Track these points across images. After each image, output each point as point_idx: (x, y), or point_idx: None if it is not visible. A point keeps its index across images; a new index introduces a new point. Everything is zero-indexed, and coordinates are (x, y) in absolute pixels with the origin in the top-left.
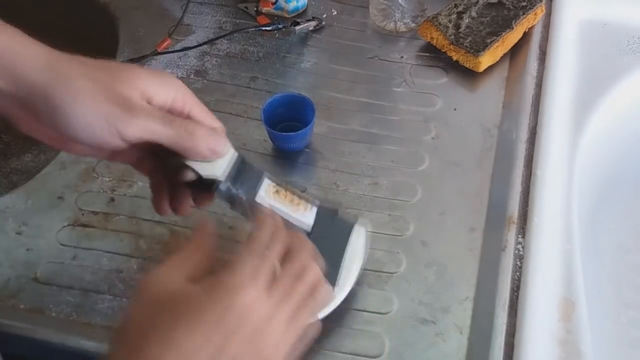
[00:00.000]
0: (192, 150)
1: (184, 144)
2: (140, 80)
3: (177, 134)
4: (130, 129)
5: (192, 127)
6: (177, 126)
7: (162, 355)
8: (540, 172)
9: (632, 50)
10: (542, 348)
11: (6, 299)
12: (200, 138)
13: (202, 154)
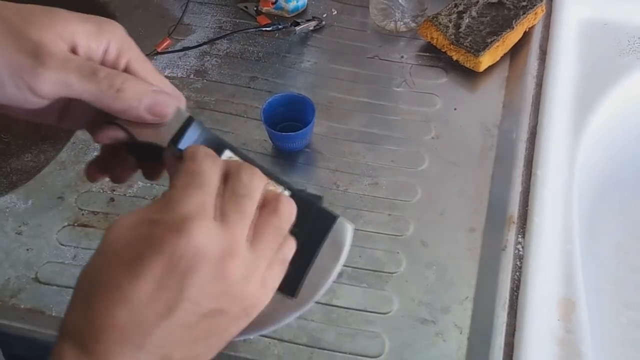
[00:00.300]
0: (124, 113)
1: (110, 103)
2: (64, 25)
3: (99, 90)
4: (41, 82)
5: (121, 81)
6: (100, 79)
7: (113, 314)
8: (540, 172)
9: (633, 50)
10: (542, 348)
11: (6, 299)
12: (133, 96)
13: (137, 116)
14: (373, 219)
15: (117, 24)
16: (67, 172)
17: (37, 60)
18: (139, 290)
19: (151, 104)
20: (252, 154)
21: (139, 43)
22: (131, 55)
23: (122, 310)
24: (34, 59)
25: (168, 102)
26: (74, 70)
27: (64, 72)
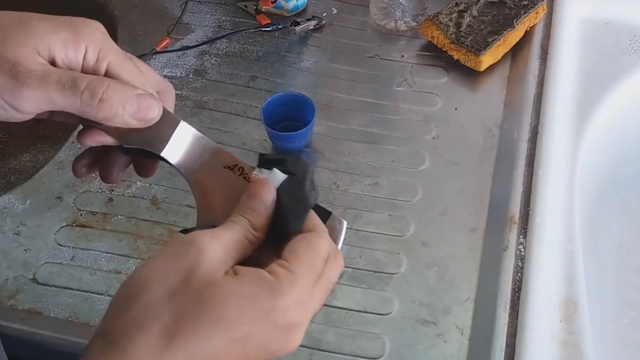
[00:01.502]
0: (109, 121)
1: (94, 113)
2: (39, 39)
3: (81, 102)
4: (23, 102)
5: (102, 90)
6: (81, 92)
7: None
8: (541, 172)
9: (634, 50)
10: (544, 349)
11: (4, 300)
12: (116, 104)
13: (122, 122)
14: (373, 219)
15: (95, 24)
16: (65, 172)
17: (17, 81)
18: (228, 349)
19: (135, 110)
20: (251, 154)
21: (138, 42)
22: (111, 58)
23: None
24: (13, 79)
25: (153, 105)
26: (53, 86)
27: (44, 89)
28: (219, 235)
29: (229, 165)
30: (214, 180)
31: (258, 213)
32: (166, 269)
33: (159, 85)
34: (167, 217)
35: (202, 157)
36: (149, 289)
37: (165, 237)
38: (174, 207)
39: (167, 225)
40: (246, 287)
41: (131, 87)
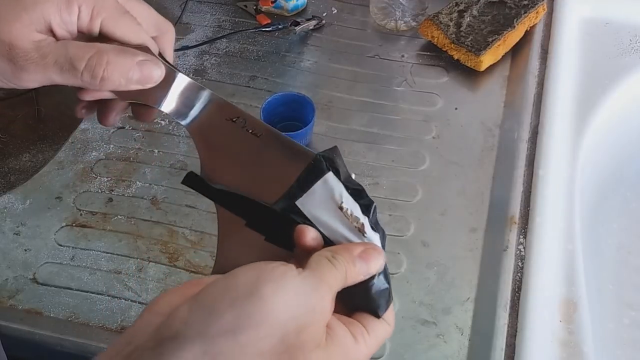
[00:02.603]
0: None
1: (98, 88)
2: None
3: (83, 82)
4: (25, 82)
5: (102, 69)
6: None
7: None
8: (542, 172)
9: (634, 49)
10: (544, 349)
11: (4, 300)
12: (119, 78)
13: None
14: None
15: None
16: (65, 172)
17: (15, 65)
18: None
19: (138, 78)
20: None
21: None
22: (104, 15)
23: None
24: (12, 64)
25: (154, 69)
26: (51, 68)
27: (43, 72)
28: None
29: (231, 117)
30: (216, 133)
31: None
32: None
33: (159, 28)
34: (167, 217)
35: (203, 110)
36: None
37: (165, 237)
38: (174, 207)
39: (167, 225)
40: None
41: (130, 54)
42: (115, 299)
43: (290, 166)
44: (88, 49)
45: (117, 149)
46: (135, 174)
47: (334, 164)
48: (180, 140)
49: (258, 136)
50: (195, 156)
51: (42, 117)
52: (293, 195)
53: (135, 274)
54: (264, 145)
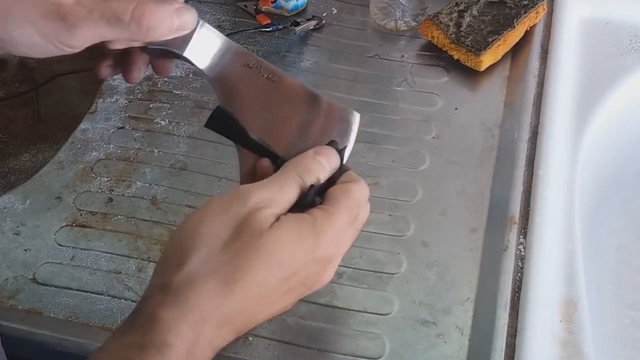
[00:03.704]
0: (154, 42)
1: (143, 39)
2: None
3: (130, 34)
4: (76, 41)
5: (147, 19)
6: (127, 24)
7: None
8: (542, 172)
9: (634, 49)
10: (544, 349)
11: (4, 300)
12: (161, 27)
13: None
14: (373, 220)
15: None
16: (65, 172)
17: (67, 23)
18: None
19: (177, 25)
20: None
21: None
22: None
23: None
24: (63, 22)
25: (190, 15)
26: (100, 22)
27: (93, 27)
28: (266, 184)
29: (248, 64)
30: (234, 78)
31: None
32: (218, 222)
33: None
34: (167, 217)
35: (223, 57)
36: (204, 242)
37: (165, 237)
38: (174, 207)
39: (167, 225)
40: (292, 232)
41: (167, 3)
42: (116, 299)
43: (301, 107)
44: (129, 2)
45: (117, 149)
46: (135, 174)
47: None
48: (180, 140)
49: (273, 81)
50: (195, 156)
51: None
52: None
53: (136, 274)
54: (279, 89)
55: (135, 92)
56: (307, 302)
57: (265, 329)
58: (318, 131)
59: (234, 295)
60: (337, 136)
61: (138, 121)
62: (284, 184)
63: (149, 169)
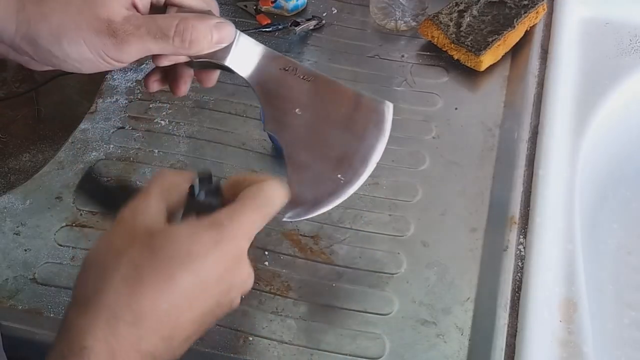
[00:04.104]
0: (196, 55)
1: (185, 53)
2: None
3: (173, 48)
4: (124, 55)
5: (189, 34)
6: (171, 39)
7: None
8: (542, 172)
9: (634, 50)
10: (544, 349)
11: (4, 300)
12: (203, 41)
13: (208, 50)
14: (373, 220)
15: None
16: (65, 172)
17: (116, 38)
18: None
19: (217, 39)
20: (251, 154)
21: None
22: None
23: (168, 301)
24: (113, 37)
25: (229, 29)
26: (147, 37)
27: (140, 42)
28: (147, 191)
29: (285, 67)
30: (274, 82)
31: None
32: (113, 236)
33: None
34: None
35: (261, 64)
36: (104, 257)
37: None
38: None
39: None
40: (187, 227)
41: (208, 18)
42: None
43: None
44: (173, 18)
45: (117, 149)
46: (135, 174)
47: None
48: (180, 140)
49: (309, 80)
50: (195, 156)
51: (42, 117)
52: None
53: None
54: (315, 87)
55: (135, 92)
56: (307, 302)
57: (265, 329)
58: (355, 123)
59: (140, 293)
60: (372, 127)
61: (138, 121)
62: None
63: (149, 169)
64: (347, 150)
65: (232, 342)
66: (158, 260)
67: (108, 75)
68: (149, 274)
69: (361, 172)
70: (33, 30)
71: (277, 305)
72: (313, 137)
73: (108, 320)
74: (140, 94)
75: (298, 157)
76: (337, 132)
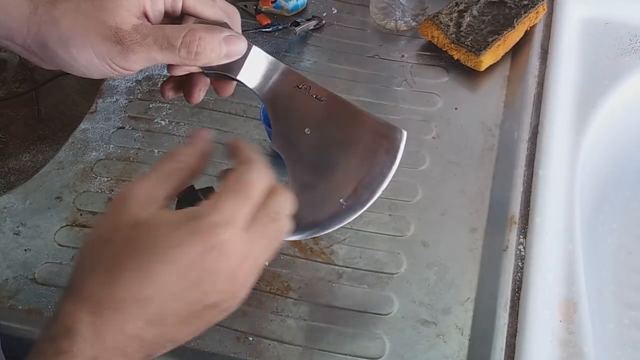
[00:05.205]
0: (204, 66)
1: (192, 64)
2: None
3: (180, 58)
4: (130, 63)
5: (196, 45)
6: (178, 50)
7: (139, 290)
8: (542, 172)
9: (634, 50)
10: (544, 349)
11: (4, 300)
12: (210, 53)
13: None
14: (373, 220)
15: None
16: (65, 172)
17: (123, 46)
18: (169, 274)
19: (226, 52)
20: None
21: None
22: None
23: (148, 289)
24: (119, 45)
25: (240, 43)
26: (152, 47)
27: (146, 52)
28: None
29: (298, 85)
30: (286, 99)
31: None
32: (102, 225)
33: (226, 11)
34: None
35: (274, 79)
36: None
37: None
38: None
39: None
40: (167, 216)
41: (218, 30)
42: None
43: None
44: (181, 29)
45: (117, 149)
46: (135, 174)
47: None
48: (180, 140)
49: (322, 100)
50: None
51: (42, 117)
52: None
53: None
54: (327, 108)
55: (135, 92)
56: (307, 302)
57: (265, 329)
58: (365, 149)
59: (121, 282)
60: (383, 154)
61: (138, 121)
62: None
63: (149, 169)
64: (354, 176)
65: (232, 342)
66: (137, 250)
67: None
68: (130, 264)
69: (365, 200)
70: (43, 33)
71: (277, 305)
72: (320, 158)
73: (92, 307)
74: (140, 94)
75: (302, 177)
76: (345, 156)
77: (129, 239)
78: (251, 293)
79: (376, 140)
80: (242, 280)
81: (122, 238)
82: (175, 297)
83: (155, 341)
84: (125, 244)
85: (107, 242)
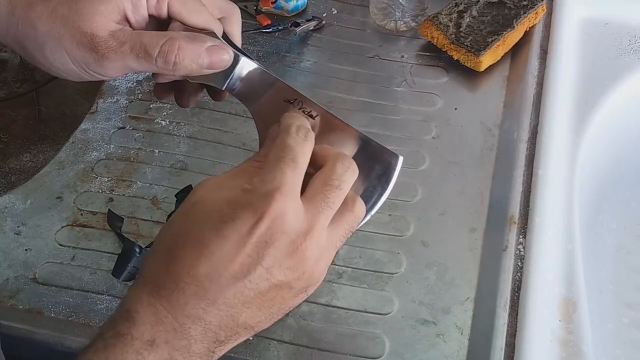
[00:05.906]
0: (184, 76)
1: (171, 74)
2: (107, 3)
3: (157, 69)
4: (105, 70)
5: (174, 55)
6: (154, 60)
7: (194, 266)
8: (541, 172)
9: (634, 50)
10: (543, 348)
11: (5, 300)
12: (190, 64)
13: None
14: (373, 219)
15: None
16: (65, 172)
17: (97, 54)
18: (223, 249)
19: (208, 63)
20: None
21: None
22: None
23: (204, 266)
24: (94, 52)
25: (223, 54)
26: (130, 55)
27: (122, 59)
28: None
29: (289, 99)
30: (275, 113)
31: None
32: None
33: (224, 10)
34: None
35: (264, 91)
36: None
37: None
38: (174, 207)
39: None
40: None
41: (200, 40)
42: (116, 299)
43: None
44: (161, 37)
45: (117, 149)
46: (135, 174)
47: None
48: (181, 140)
49: (313, 117)
50: (195, 156)
51: (42, 117)
52: None
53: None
54: (319, 127)
55: (135, 93)
56: (307, 302)
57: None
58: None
59: (176, 260)
60: (375, 178)
61: (138, 121)
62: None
63: (149, 169)
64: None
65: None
66: (192, 226)
67: None
68: (184, 241)
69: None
70: (21, 34)
71: None
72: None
73: (151, 288)
74: (141, 94)
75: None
76: None
77: (187, 216)
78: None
79: (369, 164)
80: (311, 257)
81: (181, 216)
82: (234, 273)
83: (222, 325)
84: (182, 223)
85: (169, 223)
